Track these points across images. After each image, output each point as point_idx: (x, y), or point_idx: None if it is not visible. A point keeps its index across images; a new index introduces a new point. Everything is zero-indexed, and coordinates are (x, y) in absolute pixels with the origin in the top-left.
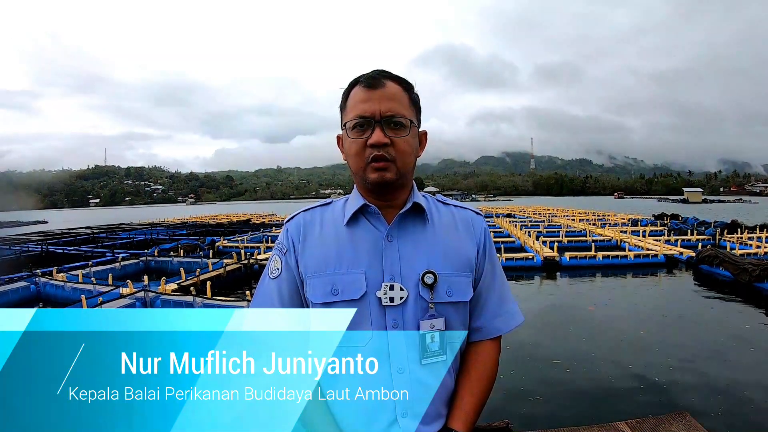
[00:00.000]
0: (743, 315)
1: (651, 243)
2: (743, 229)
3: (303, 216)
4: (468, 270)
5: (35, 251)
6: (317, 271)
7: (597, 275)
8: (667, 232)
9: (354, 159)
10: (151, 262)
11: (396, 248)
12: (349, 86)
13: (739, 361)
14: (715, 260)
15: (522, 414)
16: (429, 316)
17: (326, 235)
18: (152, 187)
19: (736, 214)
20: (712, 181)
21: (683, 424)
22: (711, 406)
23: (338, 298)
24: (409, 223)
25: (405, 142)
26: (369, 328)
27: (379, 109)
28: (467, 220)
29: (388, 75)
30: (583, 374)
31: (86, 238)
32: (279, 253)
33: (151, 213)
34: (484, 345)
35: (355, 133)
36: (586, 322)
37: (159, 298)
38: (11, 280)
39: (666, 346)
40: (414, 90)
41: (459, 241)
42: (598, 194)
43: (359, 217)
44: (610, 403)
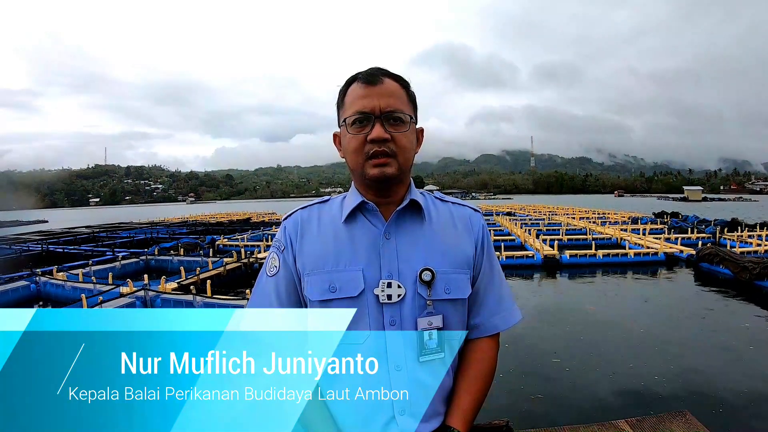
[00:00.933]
0: (743, 313)
1: (651, 241)
2: (743, 227)
3: (300, 213)
4: (466, 267)
5: (35, 250)
6: (315, 268)
7: (597, 273)
8: (667, 230)
9: (353, 155)
10: (151, 261)
11: (394, 245)
12: (347, 83)
13: (739, 359)
14: (715, 258)
15: (522, 412)
16: (427, 313)
17: (324, 232)
18: (152, 186)
19: (736, 213)
20: (713, 179)
21: (683, 423)
22: (711, 405)
23: (336, 295)
24: (407, 220)
25: (405, 138)
26: (366, 326)
27: (378, 105)
28: (465, 218)
29: (385, 72)
30: (583, 372)
31: (86, 237)
32: (276, 251)
33: (151, 212)
34: (483, 342)
35: (354, 129)
36: (586, 320)
37: (159, 297)
38: (11, 279)
39: (666, 344)
40: (410, 87)
41: (457, 238)
42: (599, 192)
43: (357, 214)
44: (610, 401)
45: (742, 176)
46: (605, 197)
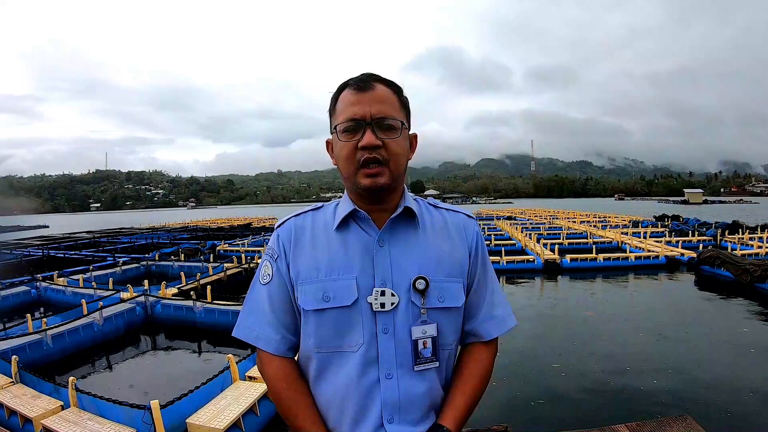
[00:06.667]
0: (745, 316)
1: (652, 244)
2: (744, 229)
3: (294, 221)
4: (460, 275)
5: (36, 256)
6: (308, 277)
7: (598, 277)
8: (668, 233)
9: (344, 162)
10: (152, 266)
11: (387, 253)
12: (338, 90)
13: (740, 363)
14: (716, 261)
15: (521, 417)
16: (421, 322)
17: (317, 240)
18: (153, 191)
19: (737, 215)
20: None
21: (684, 427)
22: (713, 409)
23: (330, 304)
24: (401, 228)
25: (397, 144)
26: (360, 334)
27: (369, 111)
28: (459, 224)
29: (377, 78)
30: (583, 377)
31: (87, 243)
32: (270, 259)
33: (152, 217)
34: (477, 348)
35: (345, 136)
36: (587, 324)
37: (159, 303)
38: (12, 284)
39: (666, 348)
40: (403, 93)
41: (451, 245)
42: (599, 196)
43: (350, 221)
44: (611, 406)
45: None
46: (606, 201)
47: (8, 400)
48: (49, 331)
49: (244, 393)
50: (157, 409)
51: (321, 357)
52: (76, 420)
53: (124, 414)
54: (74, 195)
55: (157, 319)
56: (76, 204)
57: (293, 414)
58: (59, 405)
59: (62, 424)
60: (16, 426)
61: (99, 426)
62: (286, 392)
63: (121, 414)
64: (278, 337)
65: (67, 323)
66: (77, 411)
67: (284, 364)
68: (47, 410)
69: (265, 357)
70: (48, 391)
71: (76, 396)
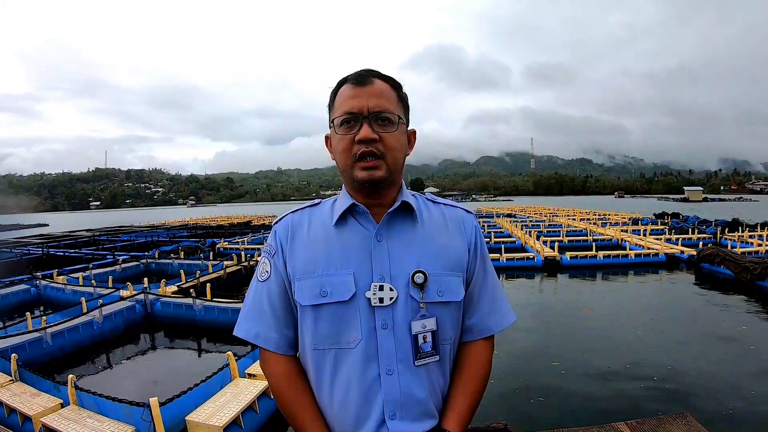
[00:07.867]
0: (745, 313)
1: (652, 242)
2: (744, 227)
3: (291, 217)
4: (459, 269)
5: (36, 254)
6: (305, 272)
7: (598, 275)
8: (668, 231)
9: (341, 156)
10: (151, 264)
11: (385, 248)
12: (338, 85)
13: (740, 361)
14: (716, 259)
15: (521, 415)
16: (420, 316)
17: (314, 236)
18: (152, 190)
19: (736, 213)
20: (713, 179)
21: (684, 424)
22: (712, 407)
23: (327, 300)
24: (399, 222)
25: (393, 138)
26: (358, 330)
27: (366, 105)
28: (457, 219)
29: (376, 73)
30: (583, 375)
31: (87, 241)
32: (267, 256)
33: (151, 215)
34: (477, 345)
35: (342, 130)
36: (586, 322)
37: (159, 301)
38: (12, 282)
39: (666, 345)
40: (402, 89)
41: (449, 240)
42: (599, 194)
43: (348, 217)
44: (610, 403)
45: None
46: (605, 198)
47: (8, 398)
48: (48, 329)
49: (243, 390)
50: (156, 407)
51: (319, 354)
52: (76, 418)
53: (124, 411)
54: (74, 193)
55: (157, 317)
56: (75, 202)
57: (294, 412)
58: (59, 403)
59: (62, 421)
60: (15, 424)
61: (98, 424)
62: (288, 390)
63: (121, 411)
64: (278, 335)
65: (66, 321)
66: (77, 409)
67: (286, 362)
68: (47, 408)
69: (266, 355)
70: (47, 389)
71: (76, 394)
